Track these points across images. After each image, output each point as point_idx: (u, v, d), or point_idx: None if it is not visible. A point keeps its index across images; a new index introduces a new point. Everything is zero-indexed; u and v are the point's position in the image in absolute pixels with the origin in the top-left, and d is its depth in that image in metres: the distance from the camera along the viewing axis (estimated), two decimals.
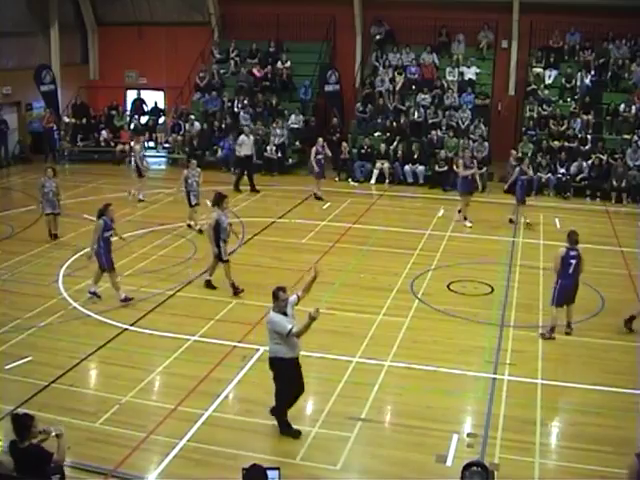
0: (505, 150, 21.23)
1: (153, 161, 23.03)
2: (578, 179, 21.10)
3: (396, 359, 10.58)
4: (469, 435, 8.75)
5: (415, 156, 22.12)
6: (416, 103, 23.80)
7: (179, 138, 24.76)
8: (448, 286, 13.64)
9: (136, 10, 27.80)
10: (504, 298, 13.08)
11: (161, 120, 26.81)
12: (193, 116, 24.93)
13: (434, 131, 22.83)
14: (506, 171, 20.88)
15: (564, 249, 11.27)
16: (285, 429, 8.60)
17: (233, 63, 26.25)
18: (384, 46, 25.56)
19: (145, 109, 27.41)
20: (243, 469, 5.71)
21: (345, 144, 22.87)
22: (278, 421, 8.65)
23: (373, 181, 22.39)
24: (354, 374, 10.14)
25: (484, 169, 21.12)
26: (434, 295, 13.17)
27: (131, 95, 28.35)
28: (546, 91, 23.45)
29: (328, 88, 25.24)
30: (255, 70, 25.68)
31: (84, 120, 25.95)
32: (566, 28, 24.21)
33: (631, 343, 11.18)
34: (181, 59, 26.33)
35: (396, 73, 24.73)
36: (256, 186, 20.91)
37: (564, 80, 23.70)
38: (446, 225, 17.69)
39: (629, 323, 11.58)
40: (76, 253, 14.84)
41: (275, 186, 21.59)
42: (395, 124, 23.15)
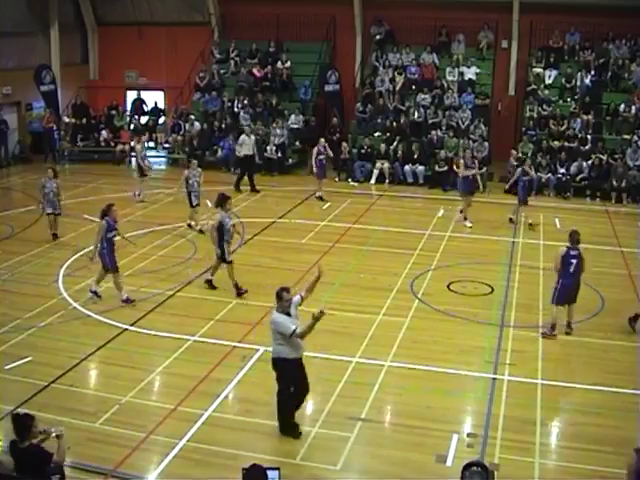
0: (505, 150, 21.24)
1: (153, 161, 23.00)
2: (578, 179, 21.10)
3: (396, 359, 10.58)
4: (469, 435, 8.75)
5: (415, 156, 22.12)
6: (416, 103, 23.80)
7: (179, 138, 24.75)
8: (448, 286, 13.64)
9: (136, 10, 27.81)
10: (504, 298, 13.09)
11: (161, 120, 26.78)
12: (193, 116, 24.92)
13: (434, 131, 22.83)
14: (506, 171, 20.90)
15: (565, 248, 11.29)
16: (285, 429, 8.59)
17: (233, 63, 26.25)
18: (384, 46, 25.57)
19: (145, 109, 27.40)
20: (243, 469, 5.71)
21: (345, 144, 22.87)
22: (279, 421, 8.63)
23: (373, 181, 22.39)
24: (354, 374, 10.14)
25: (484, 169, 21.12)
26: (434, 295, 13.17)
27: (131, 95, 28.33)
28: (546, 91, 23.45)
29: (328, 88, 25.24)
30: (255, 70, 25.69)
31: (84, 120, 25.96)
32: (566, 28, 24.22)
33: (631, 343, 11.18)
34: (181, 59, 26.33)
35: (396, 73, 24.73)
36: (256, 186, 20.92)
37: (564, 80, 23.71)
38: (446, 225, 17.69)
39: (633, 322, 11.58)
40: (76, 253, 14.84)
41: (275, 186, 21.60)
42: (395, 124, 23.15)
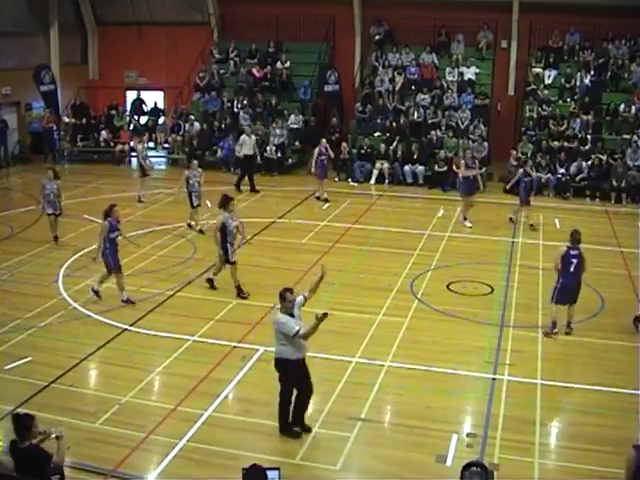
0: (505, 150, 21.25)
1: (153, 161, 22.98)
2: (578, 179, 21.10)
3: (396, 359, 10.59)
4: (469, 435, 8.75)
5: (415, 156, 22.12)
6: (416, 103, 23.80)
7: (179, 138, 24.75)
8: (448, 286, 13.65)
9: (136, 10, 27.81)
10: (504, 298, 13.09)
11: (161, 120, 26.76)
12: (193, 116, 24.93)
13: (434, 131, 22.84)
14: (506, 171, 20.91)
15: (565, 248, 11.30)
16: (285, 429, 8.59)
17: (233, 63, 26.25)
18: (383, 46, 25.57)
19: (145, 109, 27.39)
20: (243, 469, 5.71)
21: (345, 144, 22.86)
22: (280, 421, 8.62)
23: (373, 181, 22.39)
24: (354, 374, 10.15)
25: (484, 169, 21.12)
26: (434, 295, 13.17)
27: (131, 95, 28.32)
28: (546, 91, 23.45)
29: (328, 88, 25.24)
30: (255, 70, 25.69)
31: (84, 120, 25.96)
32: (566, 28, 24.23)
33: (631, 343, 11.18)
34: (181, 59, 26.32)
35: (396, 73, 24.73)
36: (256, 186, 20.92)
37: (564, 80, 23.71)
38: (446, 225, 17.70)
39: (638, 322, 11.59)
40: (76, 253, 14.85)
41: (275, 186, 21.60)
42: (395, 124, 23.15)
